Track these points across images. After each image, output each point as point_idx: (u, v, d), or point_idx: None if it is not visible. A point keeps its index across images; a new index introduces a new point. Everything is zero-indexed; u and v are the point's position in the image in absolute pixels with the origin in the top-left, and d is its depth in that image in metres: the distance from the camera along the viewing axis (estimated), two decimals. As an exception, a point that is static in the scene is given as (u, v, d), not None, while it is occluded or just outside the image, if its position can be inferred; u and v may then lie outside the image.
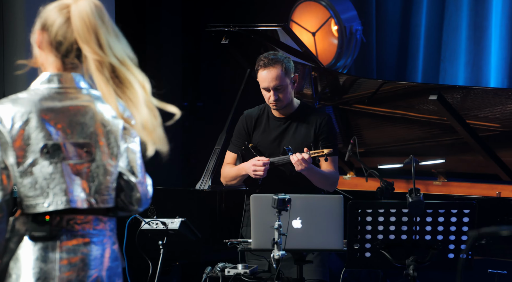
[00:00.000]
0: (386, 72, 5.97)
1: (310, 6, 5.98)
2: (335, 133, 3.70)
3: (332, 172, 3.62)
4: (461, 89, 4.35)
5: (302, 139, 3.62)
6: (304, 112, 3.66)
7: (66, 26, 2.05)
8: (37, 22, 2.09)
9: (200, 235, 3.71)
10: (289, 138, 3.65)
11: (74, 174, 2.04)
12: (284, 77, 3.60)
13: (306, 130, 3.63)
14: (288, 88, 3.61)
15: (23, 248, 2.02)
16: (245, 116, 3.78)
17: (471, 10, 5.61)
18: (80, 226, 2.05)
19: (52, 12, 2.07)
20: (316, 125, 3.62)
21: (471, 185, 4.65)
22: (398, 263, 3.03)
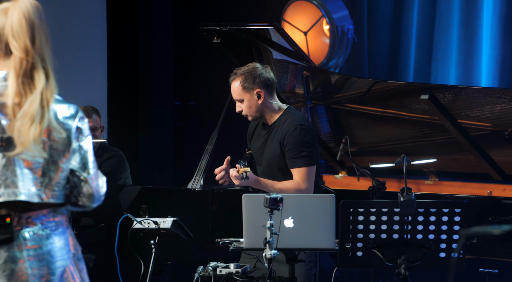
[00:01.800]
0: (377, 71, 5.97)
1: (301, 6, 5.98)
2: (302, 143, 3.59)
3: (292, 183, 3.57)
4: (452, 89, 4.36)
5: (273, 150, 3.66)
6: (282, 122, 3.68)
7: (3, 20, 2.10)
8: None
9: (192, 234, 3.71)
10: (267, 149, 3.70)
11: (26, 168, 2.09)
12: (241, 92, 3.66)
13: (276, 142, 3.65)
14: (249, 102, 3.65)
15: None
16: (251, 121, 3.83)
17: (462, 9, 5.63)
18: (39, 221, 2.11)
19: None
20: (282, 137, 3.62)
21: (462, 184, 4.66)
22: (389, 262, 3.04)
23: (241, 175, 3.49)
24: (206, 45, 5.23)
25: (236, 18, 5.79)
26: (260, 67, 3.70)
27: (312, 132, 3.65)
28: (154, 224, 3.58)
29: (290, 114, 3.69)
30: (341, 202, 3.08)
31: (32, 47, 2.10)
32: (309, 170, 3.59)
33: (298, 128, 3.60)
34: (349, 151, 4.42)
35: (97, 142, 4.71)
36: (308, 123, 3.68)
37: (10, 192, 2.07)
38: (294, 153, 3.59)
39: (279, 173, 3.64)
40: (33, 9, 2.14)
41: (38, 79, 2.10)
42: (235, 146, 3.89)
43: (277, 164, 3.63)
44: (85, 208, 2.22)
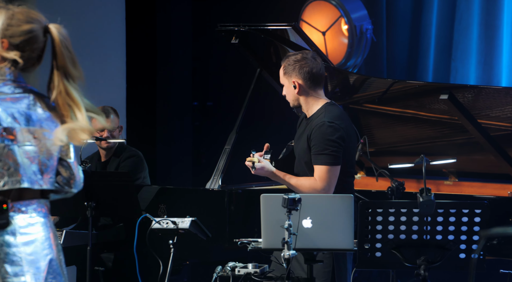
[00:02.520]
0: (396, 71, 5.95)
1: (320, 6, 5.97)
2: (326, 141, 3.53)
3: (308, 181, 3.53)
4: (472, 89, 4.33)
5: (302, 144, 3.64)
6: (316, 116, 3.63)
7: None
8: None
9: (210, 234, 3.72)
10: (299, 141, 3.67)
11: (26, 157, 2.25)
12: (283, 77, 3.66)
13: (305, 136, 3.63)
14: (287, 89, 3.64)
15: None
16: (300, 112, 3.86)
17: (482, 9, 5.59)
18: (31, 210, 2.28)
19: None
20: (310, 131, 3.59)
21: (482, 184, 4.62)
22: (409, 263, 3.02)
23: (253, 164, 3.52)
24: (224, 45, 5.24)
25: (254, 18, 5.79)
26: (309, 57, 3.63)
27: (341, 131, 3.55)
28: (173, 224, 3.59)
29: (326, 110, 3.63)
30: (359, 202, 3.07)
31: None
32: (330, 169, 3.50)
33: (326, 125, 3.54)
34: (368, 151, 4.40)
35: (116, 142, 4.74)
36: (340, 121, 3.58)
37: (14, 180, 2.22)
38: (318, 150, 3.53)
39: (306, 167, 3.59)
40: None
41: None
42: (253, 146, 3.88)
43: (304, 158, 3.58)
44: (67, 193, 2.37)
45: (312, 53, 3.68)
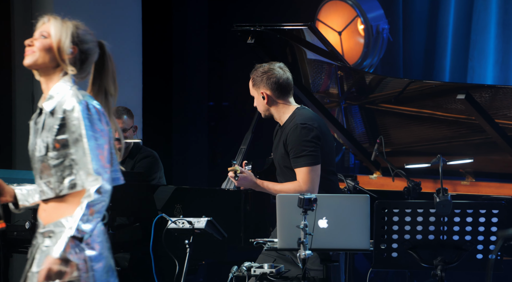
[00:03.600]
0: (413, 71, 5.92)
1: (336, 5, 5.96)
2: (302, 142, 3.54)
3: (292, 185, 3.55)
4: (489, 88, 4.30)
5: (279, 151, 3.66)
6: (288, 123, 3.66)
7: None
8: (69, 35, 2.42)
9: (226, 234, 3.72)
10: (276, 150, 3.71)
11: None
12: (252, 89, 3.75)
13: (281, 143, 3.65)
14: (257, 101, 3.73)
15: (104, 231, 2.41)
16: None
17: (499, 8, 5.55)
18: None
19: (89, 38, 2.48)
20: (285, 137, 3.61)
21: (500, 185, 4.59)
22: (425, 264, 3.01)
23: (233, 174, 3.55)
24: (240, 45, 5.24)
25: (271, 18, 5.79)
26: (276, 67, 3.69)
27: (315, 131, 3.55)
28: (189, 223, 3.60)
29: (296, 114, 3.65)
30: (376, 202, 3.06)
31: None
32: (311, 169, 3.52)
33: (299, 127, 3.56)
34: (384, 151, 4.39)
35: (131, 142, 4.75)
36: (312, 121, 3.57)
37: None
38: (296, 152, 3.56)
39: (289, 172, 3.60)
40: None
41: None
42: (269, 146, 3.89)
43: (284, 163, 3.62)
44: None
45: (279, 64, 3.73)
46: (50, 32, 2.41)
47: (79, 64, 2.42)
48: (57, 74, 2.42)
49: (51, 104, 2.40)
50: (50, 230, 2.36)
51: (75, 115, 2.33)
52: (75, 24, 2.45)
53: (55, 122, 2.36)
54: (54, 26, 2.42)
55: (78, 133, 2.33)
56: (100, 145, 2.34)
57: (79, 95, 2.37)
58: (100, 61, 2.47)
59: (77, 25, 2.45)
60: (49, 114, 2.39)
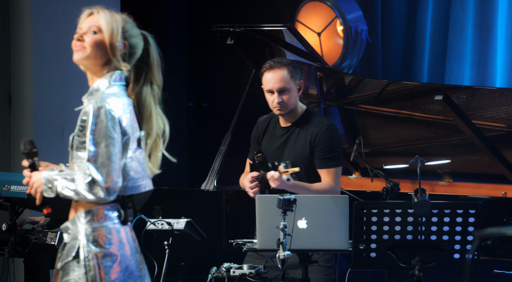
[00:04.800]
0: (391, 72, 5.96)
1: (315, 7, 5.97)
2: (333, 143, 3.54)
3: (326, 186, 3.52)
4: (467, 89, 4.34)
5: (300, 150, 3.57)
6: (306, 121, 3.60)
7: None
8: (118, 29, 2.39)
9: (205, 235, 3.72)
10: (289, 149, 3.60)
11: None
12: (290, 80, 3.56)
13: (304, 142, 3.58)
14: (292, 93, 3.56)
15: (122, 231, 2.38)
16: (257, 123, 3.77)
17: (477, 10, 5.60)
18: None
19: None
20: (312, 136, 3.55)
21: (477, 185, 4.63)
22: (403, 263, 3.03)
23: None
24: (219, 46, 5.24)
25: (250, 19, 5.80)
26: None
27: (339, 133, 3.62)
28: (168, 225, 3.59)
29: (315, 113, 3.63)
30: (354, 203, 3.07)
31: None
32: (338, 170, 3.55)
33: (330, 127, 3.55)
34: (363, 151, 4.40)
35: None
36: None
37: (148, 182, 2.49)
38: (325, 153, 3.52)
39: (303, 173, 3.56)
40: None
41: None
42: (248, 147, 3.89)
43: (303, 163, 3.54)
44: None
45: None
46: (101, 26, 2.35)
47: (128, 59, 2.38)
48: (104, 70, 2.37)
49: (88, 101, 2.35)
50: (67, 226, 2.37)
51: (89, 119, 2.29)
52: (123, 17, 2.41)
53: (79, 122, 2.34)
54: (105, 21, 2.36)
55: (86, 137, 2.29)
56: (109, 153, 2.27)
57: (101, 99, 2.30)
58: (146, 53, 2.42)
59: (125, 18, 2.41)
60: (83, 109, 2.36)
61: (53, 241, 4.12)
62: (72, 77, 5.23)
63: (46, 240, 4.12)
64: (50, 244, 4.13)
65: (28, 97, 5.34)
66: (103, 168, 2.27)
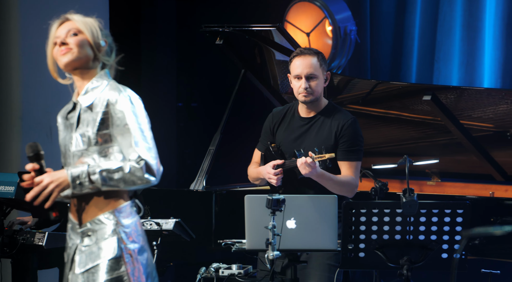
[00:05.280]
0: (380, 72, 5.98)
1: (304, 7, 5.99)
2: (358, 137, 3.52)
3: (348, 178, 3.48)
4: (455, 90, 4.36)
5: (323, 141, 3.51)
6: (329, 113, 3.56)
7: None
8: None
9: (194, 235, 3.71)
10: (311, 139, 3.53)
11: None
12: (318, 68, 3.52)
13: (328, 132, 3.52)
14: (319, 81, 3.52)
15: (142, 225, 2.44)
16: (272, 114, 3.69)
17: (464, 10, 5.63)
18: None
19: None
20: (338, 127, 3.50)
21: (464, 185, 4.66)
22: (392, 263, 3.04)
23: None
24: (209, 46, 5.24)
25: (239, 19, 5.80)
26: None
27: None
28: (157, 225, 3.59)
29: (338, 107, 3.61)
30: (343, 203, 3.08)
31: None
32: (358, 164, 3.53)
33: (356, 121, 3.54)
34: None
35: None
36: None
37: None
38: (349, 145, 3.49)
39: (324, 164, 3.44)
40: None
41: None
42: (237, 147, 3.89)
43: (324, 151, 3.43)
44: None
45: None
46: (80, 28, 2.43)
47: (110, 55, 2.48)
48: (93, 69, 2.44)
49: (88, 99, 2.39)
50: (89, 228, 2.34)
51: (119, 108, 2.34)
52: (94, 19, 2.50)
53: (97, 116, 2.36)
54: (82, 22, 2.45)
55: (123, 125, 2.33)
56: (147, 137, 2.34)
57: (121, 88, 2.41)
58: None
59: (96, 20, 2.50)
60: (86, 109, 2.38)
61: (41, 241, 4.11)
62: (60, 77, 5.21)
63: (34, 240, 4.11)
64: (38, 244, 4.11)
65: (16, 97, 5.32)
66: (151, 152, 2.33)
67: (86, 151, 2.36)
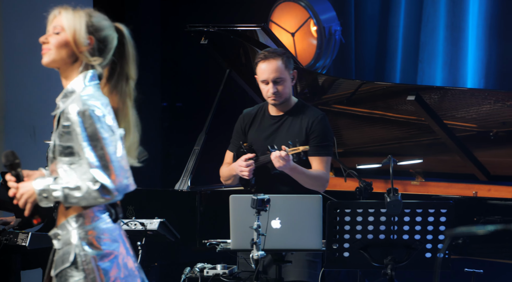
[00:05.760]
0: (364, 72, 5.99)
1: (289, 7, 5.99)
2: (328, 133, 3.59)
3: (320, 172, 3.53)
4: (438, 90, 4.38)
5: (294, 137, 3.54)
6: (299, 110, 3.61)
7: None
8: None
9: (179, 235, 3.71)
10: (282, 136, 3.58)
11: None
12: (284, 70, 3.56)
13: (299, 129, 3.57)
14: (286, 83, 3.56)
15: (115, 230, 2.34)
16: (243, 115, 3.73)
17: (448, 11, 5.66)
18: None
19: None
20: (308, 124, 3.55)
21: (448, 184, 4.68)
22: (376, 263, 3.05)
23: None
24: (193, 46, 5.23)
25: (224, 19, 5.79)
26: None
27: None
28: (141, 225, 3.57)
29: (308, 104, 3.66)
30: (328, 202, 3.09)
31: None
32: (328, 159, 3.58)
33: (325, 117, 3.60)
34: (336, 151, 4.43)
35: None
36: None
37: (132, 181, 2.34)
38: (319, 141, 3.54)
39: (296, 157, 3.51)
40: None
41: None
42: (222, 147, 3.88)
43: (298, 144, 3.49)
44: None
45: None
46: (63, 25, 2.31)
47: (98, 54, 2.32)
48: (75, 70, 2.32)
49: (63, 104, 2.30)
50: (57, 232, 2.32)
51: (75, 126, 2.24)
52: (88, 12, 2.35)
53: (61, 128, 2.28)
54: (66, 19, 2.31)
55: (79, 145, 2.24)
56: (105, 154, 2.24)
57: (81, 102, 2.25)
58: (120, 46, 2.37)
59: (89, 12, 2.35)
60: (62, 114, 2.29)
61: (24, 242, 4.08)
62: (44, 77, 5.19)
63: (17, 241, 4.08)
64: (21, 245, 4.09)
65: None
66: (107, 170, 2.24)
67: (54, 159, 2.31)
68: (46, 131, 4.88)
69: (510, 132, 4.37)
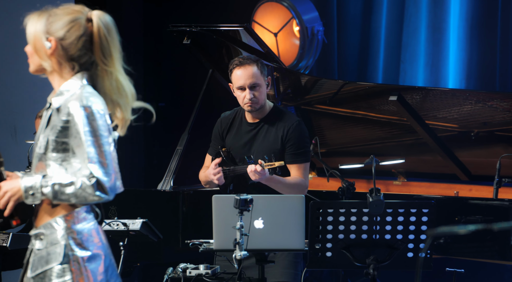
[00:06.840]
0: (347, 73, 6.02)
1: (272, 7, 6.00)
2: (304, 139, 3.59)
3: (298, 180, 3.54)
4: (420, 90, 4.41)
5: (270, 145, 3.57)
6: (275, 117, 3.61)
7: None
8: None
9: (161, 235, 3.70)
10: (258, 144, 3.59)
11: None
12: (260, 76, 3.56)
13: (274, 137, 3.58)
14: (262, 89, 3.57)
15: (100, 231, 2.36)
16: (220, 119, 3.73)
17: (430, 12, 5.70)
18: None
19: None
20: (283, 131, 3.56)
21: (430, 184, 4.71)
22: (358, 262, 3.06)
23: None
24: (176, 46, 5.21)
25: (207, 19, 5.79)
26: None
27: (307, 129, 3.67)
28: (123, 225, 3.56)
29: (283, 110, 3.65)
30: (310, 202, 3.09)
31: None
32: (306, 165, 3.59)
33: (301, 123, 3.60)
34: (319, 151, 4.44)
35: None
36: None
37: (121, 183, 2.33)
38: (296, 148, 3.55)
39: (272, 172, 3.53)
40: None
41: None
42: (205, 147, 3.88)
43: (274, 158, 3.50)
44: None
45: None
46: (27, 36, 2.30)
47: (65, 54, 2.28)
48: (65, 71, 2.30)
49: (59, 101, 2.28)
50: (41, 232, 2.28)
51: (76, 120, 2.23)
52: (49, 12, 2.30)
53: (59, 123, 2.26)
54: (28, 29, 2.30)
55: (79, 138, 2.23)
56: (103, 152, 2.24)
57: (84, 98, 2.25)
58: (89, 35, 2.31)
59: (50, 12, 2.30)
60: (56, 111, 2.28)
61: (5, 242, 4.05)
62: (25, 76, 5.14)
63: (-2, 241, 4.04)
64: (2, 245, 4.05)
65: (-20, 96, 5.24)
66: (104, 167, 2.24)
67: (44, 155, 2.28)
68: (27, 131, 4.84)
69: (491, 132, 4.41)
